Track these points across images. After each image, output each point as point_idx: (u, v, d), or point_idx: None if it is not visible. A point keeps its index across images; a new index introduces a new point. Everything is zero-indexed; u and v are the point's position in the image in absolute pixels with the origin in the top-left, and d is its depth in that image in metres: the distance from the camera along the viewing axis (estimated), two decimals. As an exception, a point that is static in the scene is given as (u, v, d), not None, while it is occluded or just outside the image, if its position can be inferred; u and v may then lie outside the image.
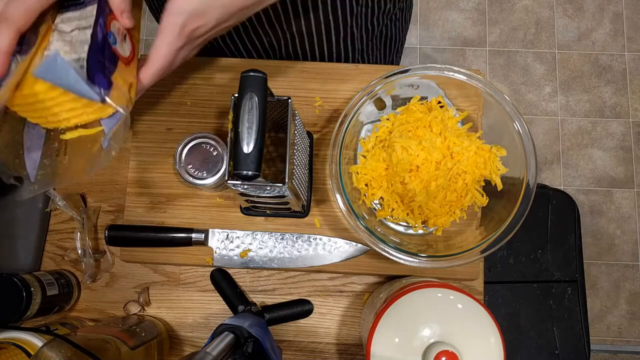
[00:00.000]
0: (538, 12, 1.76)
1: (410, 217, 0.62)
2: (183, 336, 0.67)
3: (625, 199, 1.65)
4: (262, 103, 0.46)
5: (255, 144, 0.45)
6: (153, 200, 0.67)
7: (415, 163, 0.59)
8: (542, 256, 1.04)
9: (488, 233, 0.59)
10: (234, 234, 0.66)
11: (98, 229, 0.69)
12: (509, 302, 1.02)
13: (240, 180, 0.47)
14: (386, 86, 0.61)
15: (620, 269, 1.61)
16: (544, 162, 1.68)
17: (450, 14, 1.77)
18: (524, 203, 0.57)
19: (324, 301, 0.67)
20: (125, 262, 0.67)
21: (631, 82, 1.71)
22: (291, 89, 0.70)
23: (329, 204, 0.67)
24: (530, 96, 1.71)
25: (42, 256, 0.68)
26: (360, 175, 0.63)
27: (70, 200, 0.67)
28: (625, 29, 1.74)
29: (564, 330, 1.01)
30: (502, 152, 0.61)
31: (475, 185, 0.62)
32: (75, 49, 0.41)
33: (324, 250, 0.65)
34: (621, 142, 1.68)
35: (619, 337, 1.58)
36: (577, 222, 1.06)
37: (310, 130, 0.69)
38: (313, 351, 0.66)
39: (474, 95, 0.63)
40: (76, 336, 0.50)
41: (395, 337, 0.51)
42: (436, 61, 1.73)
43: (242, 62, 0.71)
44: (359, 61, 0.82)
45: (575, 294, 1.02)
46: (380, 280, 0.67)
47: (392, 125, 0.63)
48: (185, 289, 0.67)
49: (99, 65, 0.42)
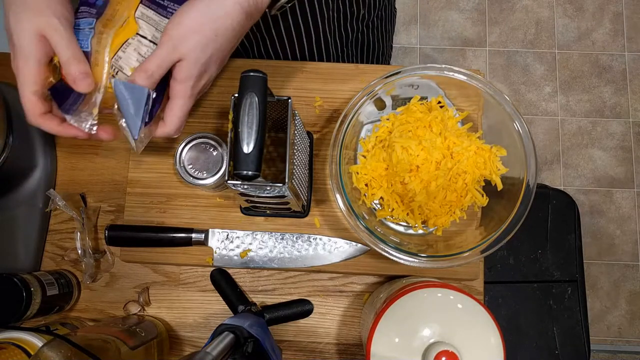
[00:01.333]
0: (538, 12, 1.76)
1: (410, 217, 0.62)
2: (183, 336, 0.67)
3: (625, 199, 1.65)
4: (262, 103, 0.46)
5: (255, 144, 0.45)
6: (153, 200, 0.67)
7: (415, 163, 0.59)
8: (542, 256, 1.04)
9: (488, 233, 0.59)
10: (234, 234, 0.66)
11: (98, 229, 0.69)
12: (509, 302, 1.02)
13: (240, 180, 0.47)
14: (386, 86, 0.61)
15: (620, 269, 1.61)
16: (544, 162, 1.68)
17: (450, 14, 1.77)
18: (524, 203, 0.57)
19: (324, 301, 0.67)
20: (125, 262, 0.67)
21: (631, 82, 1.71)
22: (291, 89, 0.70)
23: (329, 204, 0.67)
24: (530, 96, 1.71)
25: (42, 256, 0.68)
26: (360, 175, 0.63)
27: (70, 200, 0.67)
28: (625, 29, 1.74)
29: (564, 330, 1.01)
30: (502, 152, 0.61)
31: (475, 185, 0.62)
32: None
33: (324, 250, 0.65)
34: (621, 142, 1.68)
35: (619, 337, 1.58)
36: (577, 222, 1.06)
37: (310, 130, 0.69)
38: (313, 351, 0.66)
39: (474, 95, 0.63)
40: (76, 336, 0.50)
41: (395, 337, 0.51)
42: (436, 61, 1.73)
43: (242, 62, 0.71)
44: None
45: (575, 294, 1.02)
46: (380, 280, 0.67)
47: (392, 125, 0.63)
48: (185, 289, 0.67)
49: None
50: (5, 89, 0.68)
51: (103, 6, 0.50)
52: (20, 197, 0.67)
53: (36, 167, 0.68)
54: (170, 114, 0.50)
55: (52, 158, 0.70)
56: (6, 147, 0.63)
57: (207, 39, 0.46)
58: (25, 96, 0.47)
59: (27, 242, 0.67)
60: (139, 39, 0.49)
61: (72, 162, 0.71)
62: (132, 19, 0.49)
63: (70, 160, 0.71)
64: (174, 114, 0.49)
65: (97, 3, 0.50)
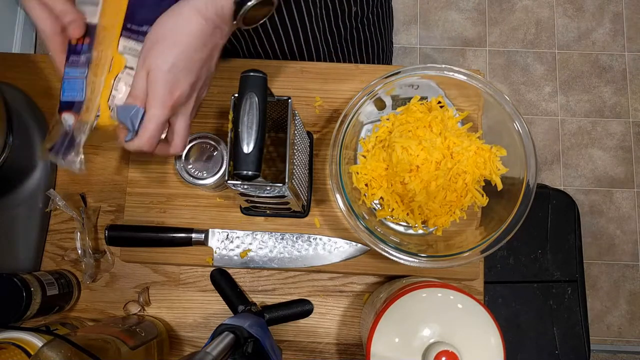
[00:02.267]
0: (538, 12, 1.76)
1: (410, 217, 0.62)
2: (183, 336, 0.67)
3: (625, 199, 1.65)
4: (262, 103, 0.46)
5: (255, 144, 0.45)
6: (153, 200, 0.67)
7: (415, 163, 0.59)
8: (542, 256, 1.04)
9: (488, 233, 0.59)
10: (234, 234, 0.66)
11: (98, 229, 0.69)
12: (509, 302, 1.02)
13: (240, 180, 0.47)
14: (386, 86, 0.61)
15: (620, 269, 1.61)
16: (544, 162, 1.68)
17: (450, 14, 1.77)
18: (524, 203, 0.57)
19: (324, 301, 0.67)
20: (125, 262, 0.67)
21: (631, 82, 1.71)
22: (291, 89, 0.70)
23: (329, 204, 0.67)
24: (530, 96, 1.71)
25: (42, 256, 0.68)
26: (360, 175, 0.63)
27: (70, 200, 0.67)
28: (625, 29, 1.74)
29: (564, 330, 1.01)
30: (502, 152, 0.61)
31: (475, 185, 0.62)
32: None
33: (324, 250, 0.65)
34: (621, 142, 1.68)
35: (619, 337, 1.58)
36: (577, 222, 1.06)
37: (310, 130, 0.69)
38: (313, 351, 0.66)
39: (474, 95, 0.63)
40: (76, 336, 0.50)
41: (395, 337, 0.51)
42: (436, 61, 1.73)
43: (242, 62, 0.71)
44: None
45: (575, 294, 1.02)
46: (380, 280, 0.67)
47: (392, 125, 0.63)
48: (185, 289, 0.67)
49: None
50: (5, 89, 0.68)
51: (89, 50, 0.51)
52: (20, 197, 0.67)
53: (36, 167, 0.68)
54: (142, 127, 0.49)
55: (52, 158, 0.70)
56: (6, 147, 0.63)
57: (166, 47, 0.47)
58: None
59: (27, 242, 0.67)
60: (128, 72, 0.51)
61: (72, 162, 0.70)
62: (116, 55, 0.51)
63: (70, 160, 0.71)
64: (143, 127, 0.49)
65: (82, 49, 0.51)
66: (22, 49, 1.64)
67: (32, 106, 0.70)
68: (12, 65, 0.72)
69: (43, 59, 0.73)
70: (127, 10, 0.51)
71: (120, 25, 0.51)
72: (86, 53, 0.51)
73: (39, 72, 0.72)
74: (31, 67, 0.72)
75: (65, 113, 0.51)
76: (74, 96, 0.51)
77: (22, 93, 0.70)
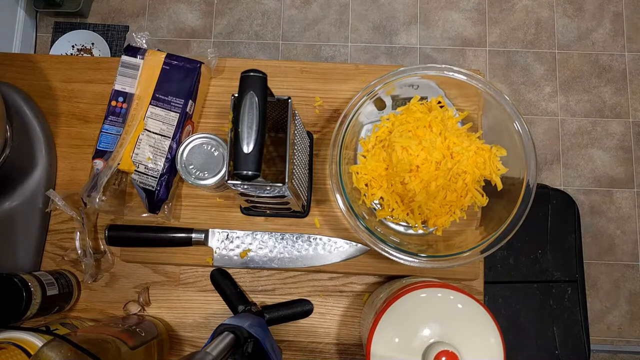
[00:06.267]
0: (538, 12, 1.76)
1: (410, 217, 0.62)
2: (183, 336, 0.67)
3: (625, 199, 1.65)
4: (262, 103, 0.46)
5: (255, 144, 0.45)
6: (153, 200, 0.67)
7: (415, 163, 0.59)
8: (542, 256, 1.04)
9: (488, 233, 0.59)
10: (234, 234, 0.66)
11: (98, 229, 0.69)
12: (509, 302, 1.02)
13: (240, 180, 0.47)
14: (386, 86, 0.61)
15: (620, 269, 1.61)
16: (544, 162, 1.68)
17: (450, 14, 1.77)
18: (524, 203, 0.57)
19: (324, 301, 0.67)
20: (125, 262, 0.67)
21: (631, 82, 1.71)
22: (291, 89, 0.70)
23: (329, 204, 0.67)
24: (530, 96, 1.71)
25: (42, 256, 0.68)
26: (360, 175, 0.63)
27: (70, 200, 0.67)
28: (625, 29, 1.74)
29: (564, 330, 1.01)
30: (502, 152, 0.61)
31: (475, 185, 0.62)
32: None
33: (324, 250, 0.65)
34: (621, 142, 1.68)
35: (619, 337, 1.58)
36: (577, 222, 1.06)
37: (310, 130, 0.69)
38: (313, 351, 0.66)
39: (474, 95, 0.63)
40: (76, 336, 0.50)
41: (395, 337, 0.51)
42: (436, 61, 1.73)
43: (242, 62, 0.71)
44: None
45: (575, 294, 1.02)
46: (380, 280, 0.67)
47: (392, 125, 0.63)
48: (185, 289, 0.67)
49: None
50: (5, 89, 0.68)
51: (126, 114, 0.65)
52: (20, 197, 0.67)
53: (36, 167, 0.68)
54: None
55: (52, 158, 0.70)
56: (6, 147, 0.63)
57: None
58: None
59: (27, 242, 0.67)
60: (147, 134, 0.64)
61: (72, 162, 0.70)
62: (141, 120, 0.64)
63: (70, 160, 0.71)
64: None
65: (121, 112, 0.65)
66: (22, 49, 1.64)
67: (32, 106, 0.70)
68: (12, 65, 0.72)
69: (43, 59, 0.73)
70: (156, 83, 0.65)
71: (150, 95, 0.65)
72: (123, 115, 0.64)
73: (39, 72, 0.72)
74: (31, 67, 0.72)
75: (97, 159, 0.63)
76: (107, 147, 0.64)
77: (22, 93, 0.70)
